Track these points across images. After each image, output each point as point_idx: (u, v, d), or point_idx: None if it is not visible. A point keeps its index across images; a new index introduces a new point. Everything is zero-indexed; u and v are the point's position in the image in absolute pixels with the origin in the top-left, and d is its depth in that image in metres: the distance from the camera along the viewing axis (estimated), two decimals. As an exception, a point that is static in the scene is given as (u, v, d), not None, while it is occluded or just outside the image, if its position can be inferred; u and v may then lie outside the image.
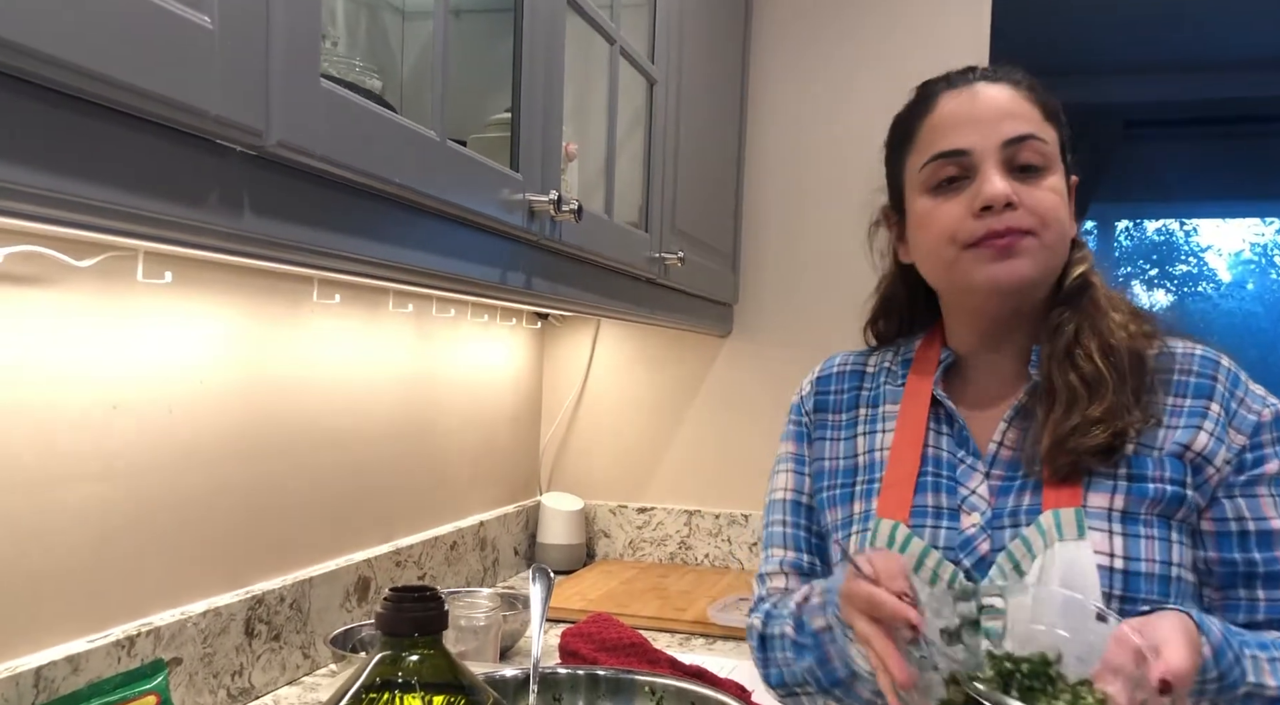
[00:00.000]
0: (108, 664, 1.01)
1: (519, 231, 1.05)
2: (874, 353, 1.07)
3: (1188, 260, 4.65)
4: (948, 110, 0.92)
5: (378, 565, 1.53)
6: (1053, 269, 0.92)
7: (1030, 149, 0.89)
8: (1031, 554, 0.86)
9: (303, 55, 0.67)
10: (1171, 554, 0.85)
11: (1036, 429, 0.90)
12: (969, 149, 0.90)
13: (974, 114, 0.91)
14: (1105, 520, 0.85)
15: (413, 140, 0.84)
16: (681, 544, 2.14)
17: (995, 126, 0.90)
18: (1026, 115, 0.91)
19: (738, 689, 1.28)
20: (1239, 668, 0.77)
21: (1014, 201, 0.88)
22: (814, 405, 1.06)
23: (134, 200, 0.56)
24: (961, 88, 0.93)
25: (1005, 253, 0.88)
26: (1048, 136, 0.91)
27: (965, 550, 0.89)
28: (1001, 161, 0.89)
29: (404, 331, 1.62)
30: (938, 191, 0.92)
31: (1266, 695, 0.79)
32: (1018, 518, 0.88)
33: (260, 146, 0.64)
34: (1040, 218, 0.88)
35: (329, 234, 0.76)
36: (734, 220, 2.05)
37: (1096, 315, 0.92)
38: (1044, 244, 0.89)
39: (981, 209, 0.88)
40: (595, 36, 1.33)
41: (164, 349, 1.12)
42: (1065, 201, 0.92)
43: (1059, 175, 0.91)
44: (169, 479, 1.13)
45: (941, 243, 0.91)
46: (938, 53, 1.96)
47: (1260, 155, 4.11)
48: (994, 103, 0.91)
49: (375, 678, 0.58)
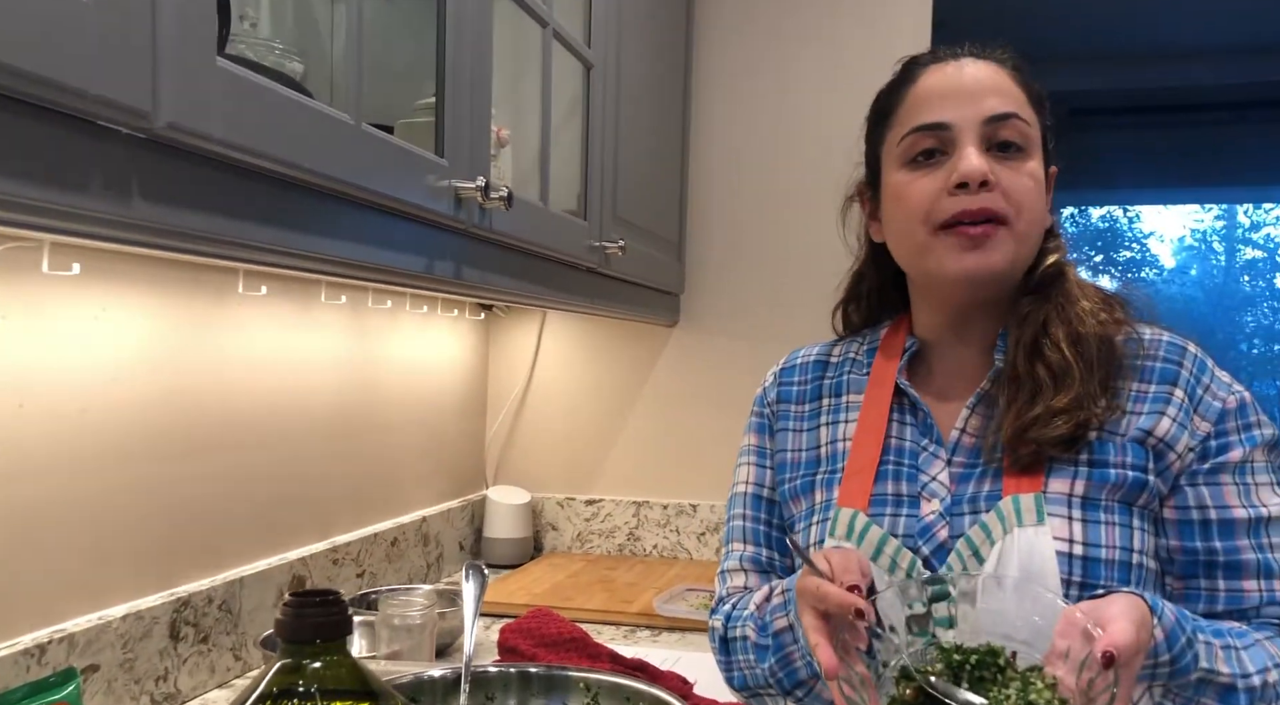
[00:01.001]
0: (15, 673, 0.96)
1: (445, 219, 1.02)
2: (839, 343, 1.06)
3: (1131, 247, 4.73)
4: (930, 83, 0.91)
5: (313, 563, 1.49)
6: (1024, 260, 0.90)
7: (1012, 128, 0.87)
8: (991, 540, 0.85)
9: (195, 34, 0.63)
10: (1133, 540, 0.84)
11: (999, 416, 0.89)
12: (950, 122, 0.88)
13: (957, 88, 0.89)
14: (1065, 506, 0.85)
15: (325, 124, 0.80)
16: (630, 535, 2.13)
17: (978, 102, 0.88)
18: (1011, 94, 0.89)
19: (679, 681, 1.27)
20: (1191, 652, 0.77)
21: (990, 181, 0.85)
22: (776, 396, 1.05)
23: (3, 185, 0.52)
24: (947, 62, 0.91)
25: (977, 243, 0.86)
26: (1031, 119, 0.89)
27: (924, 537, 0.88)
28: (982, 138, 0.87)
29: (338, 324, 1.58)
30: (914, 165, 0.90)
31: (1219, 682, 0.78)
32: (977, 504, 0.88)
33: (148, 129, 0.60)
34: (1015, 203, 0.87)
35: (234, 222, 0.73)
36: (679, 208, 2.03)
37: (1066, 304, 0.90)
38: (1016, 234, 0.87)
39: (957, 186, 0.86)
40: (530, 19, 1.29)
41: (74, 345, 1.07)
42: (1042, 189, 0.90)
43: (1038, 161, 0.90)
44: (83, 479, 1.09)
45: (914, 221, 0.89)
46: (880, 39, 1.96)
47: (1201, 143, 4.19)
48: (978, 78, 0.89)
49: (273, 687, 0.55)
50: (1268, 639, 0.83)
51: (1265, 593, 0.85)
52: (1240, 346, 4.80)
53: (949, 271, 0.88)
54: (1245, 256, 4.85)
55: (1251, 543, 0.85)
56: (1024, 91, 0.91)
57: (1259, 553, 0.85)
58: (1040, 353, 0.88)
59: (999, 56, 0.93)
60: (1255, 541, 0.85)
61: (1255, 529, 0.85)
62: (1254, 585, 0.85)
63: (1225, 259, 4.87)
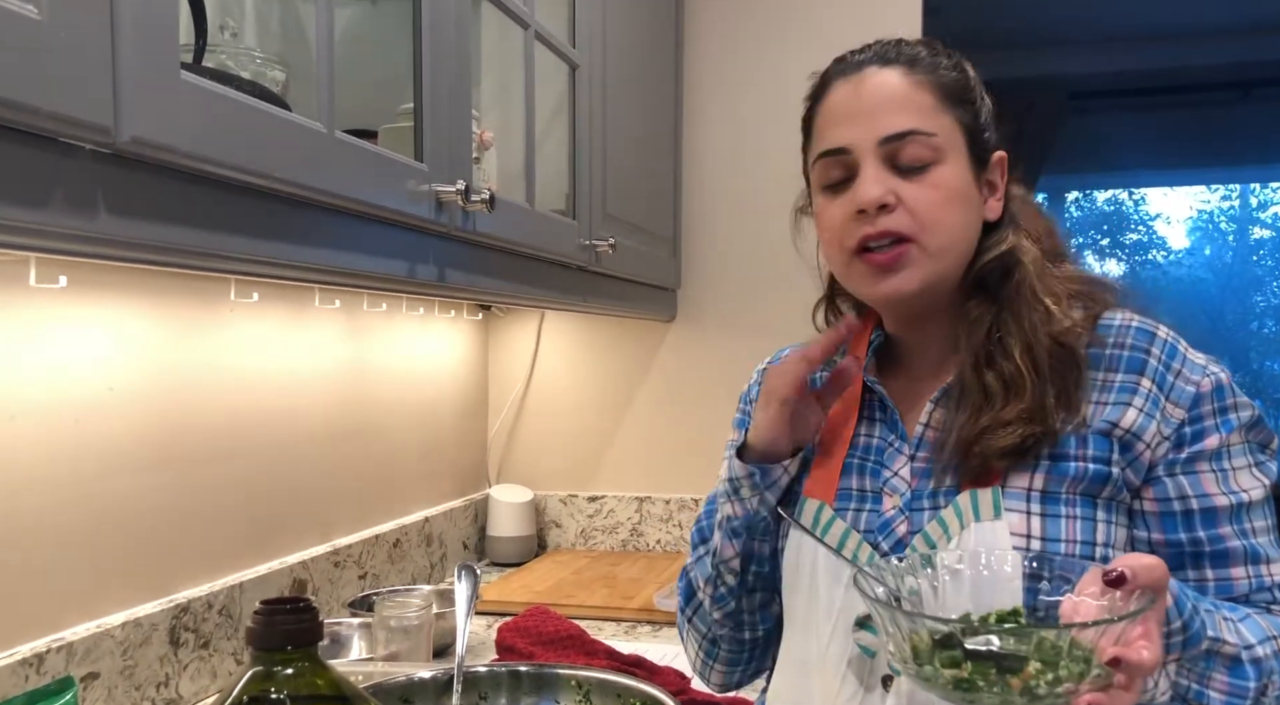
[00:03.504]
0: (14, 683, 0.98)
1: (427, 224, 1.03)
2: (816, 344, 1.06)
3: (1137, 229, 4.70)
4: (835, 101, 0.89)
5: (314, 567, 1.50)
6: (944, 273, 0.88)
7: (913, 145, 0.85)
8: (948, 535, 0.85)
9: (157, 49, 0.64)
10: (1096, 534, 0.83)
11: (949, 423, 0.88)
12: (848, 147, 0.87)
13: (855, 108, 0.87)
14: (1024, 501, 0.84)
15: (296, 133, 0.81)
16: (633, 531, 2.13)
17: (874, 122, 0.86)
18: (913, 106, 0.86)
19: (677, 676, 1.27)
20: (1199, 618, 0.76)
21: (890, 203, 0.85)
22: (757, 394, 1.05)
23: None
24: (851, 75, 0.89)
25: (888, 267, 0.86)
26: (938, 126, 0.86)
27: (884, 533, 0.88)
28: (882, 158, 0.86)
29: (334, 328, 1.59)
30: (827, 190, 0.90)
31: (1226, 653, 0.77)
32: (936, 500, 0.87)
33: (111, 144, 0.61)
34: (920, 220, 0.85)
35: (208, 233, 0.73)
36: (673, 204, 2.03)
37: (1021, 306, 0.88)
38: (927, 250, 0.86)
39: (859, 211, 0.86)
40: (513, 22, 1.30)
41: (65, 356, 1.08)
42: (962, 195, 0.87)
43: (954, 166, 0.87)
44: (79, 489, 1.10)
45: (832, 246, 0.90)
46: (871, 28, 1.95)
47: (1204, 124, 4.16)
48: (876, 95, 0.87)
49: (245, 695, 0.56)
50: (1258, 613, 0.83)
51: (1254, 578, 0.84)
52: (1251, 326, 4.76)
53: (867, 296, 0.90)
54: (1254, 236, 4.81)
55: (1234, 529, 0.84)
56: (933, 94, 0.87)
57: (1243, 539, 0.84)
58: (991, 361, 0.87)
59: (910, 55, 0.88)
60: (1238, 527, 0.84)
61: (1237, 515, 0.84)
62: (1242, 572, 0.84)
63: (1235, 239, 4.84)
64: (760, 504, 0.92)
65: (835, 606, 0.88)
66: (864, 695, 0.85)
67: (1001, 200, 0.92)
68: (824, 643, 0.88)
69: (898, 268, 0.86)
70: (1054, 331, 0.87)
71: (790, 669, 0.92)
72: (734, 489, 0.93)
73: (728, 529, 0.95)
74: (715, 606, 0.98)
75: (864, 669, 0.85)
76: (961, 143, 0.88)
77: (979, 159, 0.90)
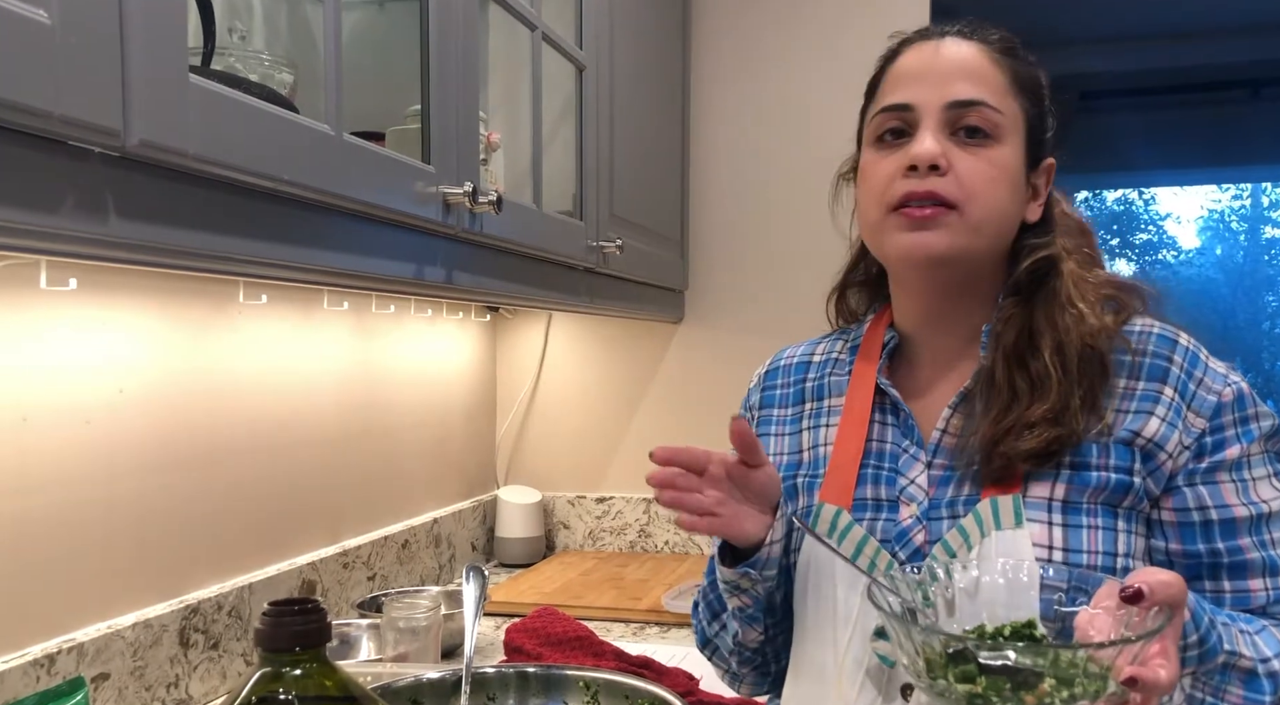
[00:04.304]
0: (25, 684, 0.98)
1: (434, 225, 1.03)
2: (824, 340, 1.04)
3: (1147, 229, 4.68)
4: (907, 62, 0.89)
5: (323, 568, 1.51)
6: (975, 249, 0.86)
7: (978, 114, 0.84)
8: (969, 545, 0.83)
9: (166, 52, 0.64)
10: (1117, 544, 0.82)
11: (975, 422, 0.86)
12: (912, 104, 0.86)
13: (929, 69, 0.87)
14: (1045, 510, 0.83)
15: (304, 136, 0.81)
16: (641, 532, 2.13)
17: (945, 85, 0.85)
18: (986, 80, 0.86)
19: (685, 677, 1.27)
20: (1215, 632, 0.75)
21: (941, 166, 0.83)
22: (759, 401, 1.04)
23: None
24: (931, 40, 0.89)
25: (919, 224, 0.84)
26: (1005, 107, 0.86)
27: (901, 542, 0.87)
28: (944, 122, 0.85)
29: (343, 329, 1.60)
30: (880, 145, 0.88)
31: (1242, 666, 0.77)
32: (955, 508, 0.86)
33: (120, 147, 0.61)
34: (968, 190, 0.83)
35: (216, 236, 0.74)
36: (680, 205, 2.03)
37: (1055, 309, 0.87)
38: (967, 220, 0.84)
39: (909, 168, 0.84)
40: (520, 23, 1.30)
41: (76, 358, 1.09)
42: (1011, 179, 0.86)
43: (1012, 149, 0.86)
44: (90, 490, 1.10)
45: (871, 200, 0.88)
46: (880, 28, 1.94)
47: (1214, 123, 4.14)
48: (952, 61, 0.86)
49: (254, 696, 0.56)
50: (1275, 625, 0.82)
51: (1272, 591, 0.83)
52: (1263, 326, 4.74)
53: (889, 250, 0.88)
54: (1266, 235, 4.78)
55: (1254, 540, 0.83)
56: (1007, 76, 0.87)
57: (1262, 550, 0.83)
58: (1021, 360, 0.85)
59: (989, 37, 0.89)
60: (1257, 538, 0.83)
61: (1257, 526, 0.83)
62: (1260, 584, 0.83)
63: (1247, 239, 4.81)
64: (764, 583, 0.90)
65: (853, 614, 0.86)
66: (881, 703, 0.84)
67: (1043, 205, 0.91)
68: (840, 650, 0.87)
69: (932, 225, 0.84)
70: (1084, 332, 0.86)
71: (803, 676, 0.91)
72: (734, 588, 0.91)
73: (743, 618, 0.94)
74: (740, 665, 1.00)
75: (882, 678, 0.84)
76: (1022, 132, 0.87)
77: (1033, 156, 0.89)
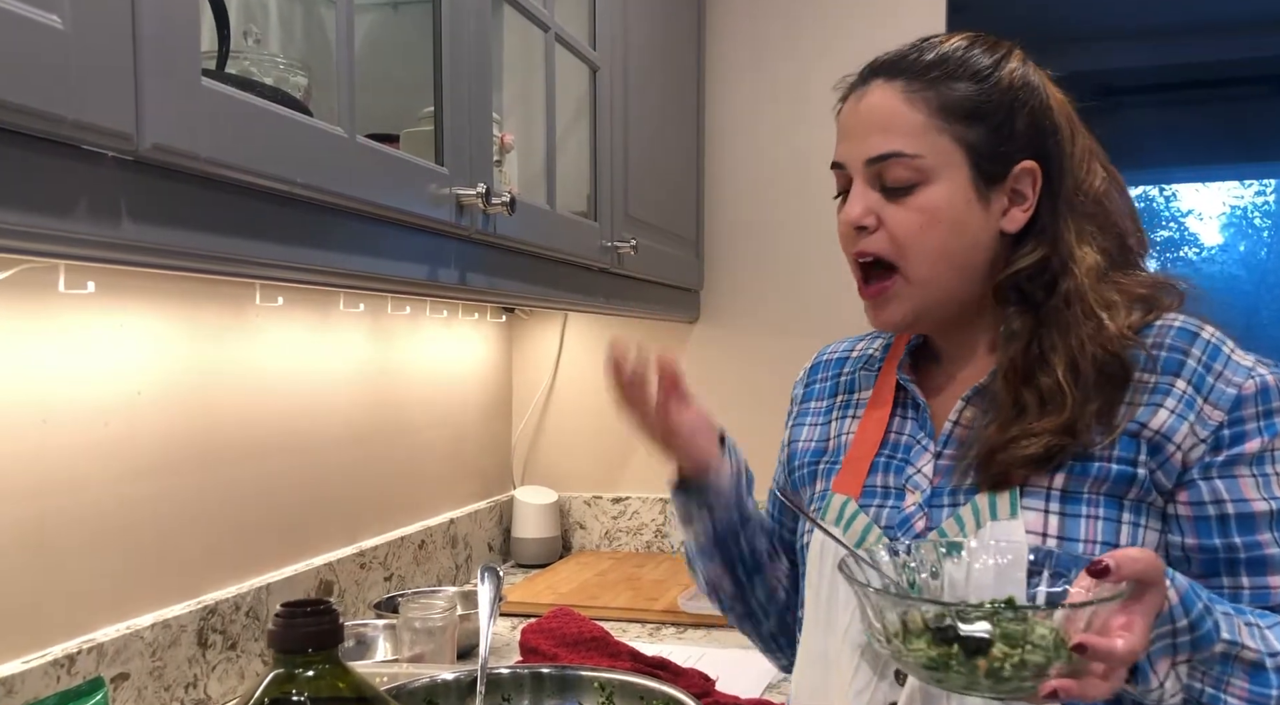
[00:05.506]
0: (45, 684, 0.99)
1: (448, 227, 1.03)
2: (863, 339, 1.07)
3: (1169, 226, 4.63)
4: (842, 118, 0.92)
5: (340, 568, 1.51)
6: (935, 300, 0.88)
7: (895, 166, 0.85)
8: (964, 533, 0.85)
9: (179, 57, 0.64)
10: (1119, 536, 0.82)
11: (978, 430, 0.88)
12: (843, 163, 0.90)
13: (853, 124, 0.89)
14: (1043, 499, 0.83)
15: (317, 139, 0.81)
16: (657, 532, 2.13)
17: (863, 140, 0.87)
18: (899, 126, 0.85)
19: (701, 678, 1.27)
20: (1210, 620, 0.74)
21: (869, 224, 0.87)
22: (801, 394, 1.09)
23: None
24: (857, 89, 0.90)
25: (875, 303, 0.90)
26: (926, 146, 0.84)
27: (903, 529, 0.89)
28: (869, 178, 0.87)
29: (359, 331, 1.60)
30: (839, 198, 0.93)
31: (1246, 658, 0.76)
32: (955, 498, 0.88)
33: (134, 151, 0.61)
34: (899, 244, 0.86)
35: (230, 239, 0.74)
36: (696, 205, 2.03)
37: (1068, 320, 0.85)
38: (911, 280, 0.87)
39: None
40: (533, 24, 1.30)
41: (94, 361, 1.10)
42: (950, 216, 0.85)
43: (947, 185, 0.85)
44: (109, 491, 1.11)
45: (844, 252, 0.93)
46: (895, 26, 1.94)
47: (1236, 118, 4.09)
48: (869, 114, 0.88)
49: (267, 697, 0.56)
50: None
51: None
52: (1286, 324, 4.68)
53: (870, 321, 0.93)
54: (1289, 232, 4.72)
55: (1274, 536, 0.81)
56: (927, 111, 0.85)
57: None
58: (1029, 376, 0.85)
59: (915, 69, 0.87)
60: (1277, 534, 0.81)
61: (1277, 522, 0.82)
62: (1279, 581, 0.82)
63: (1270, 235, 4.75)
64: (715, 512, 0.96)
65: (852, 599, 0.87)
66: (876, 684, 0.86)
67: (1029, 211, 0.88)
68: (839, 634, 0.89)
69: (883, 302, 0.89)
70: (1103, 341, 0.84)
71: (810, 663, 0.93)
72: (686, 519, 0.98)
73: (699, 552, 1.00)
74: (742, 621, 1.06)
75: (877, 659, 0.86)
76: (961, 161, 0.86)
77: (989, 174, 0.86)
